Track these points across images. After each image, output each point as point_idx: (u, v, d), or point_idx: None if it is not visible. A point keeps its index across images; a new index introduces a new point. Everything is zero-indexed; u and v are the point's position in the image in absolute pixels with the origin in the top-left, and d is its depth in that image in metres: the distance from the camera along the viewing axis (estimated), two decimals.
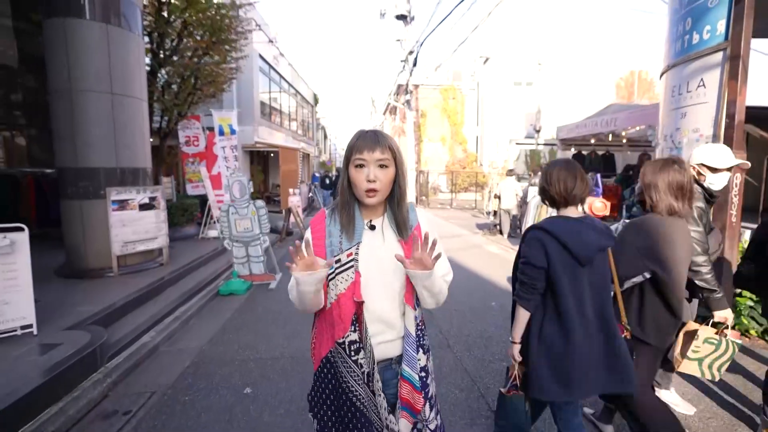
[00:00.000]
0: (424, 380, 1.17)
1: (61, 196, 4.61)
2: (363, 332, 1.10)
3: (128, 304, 3.88)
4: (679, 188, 1.75)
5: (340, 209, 1.17)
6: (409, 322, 1.17)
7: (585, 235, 1.45)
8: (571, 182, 1.51)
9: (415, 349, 1.17)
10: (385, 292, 1.15)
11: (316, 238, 1.18)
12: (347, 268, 1.13)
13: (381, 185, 1.11)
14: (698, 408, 2.43)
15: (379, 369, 1.16)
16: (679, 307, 1.79)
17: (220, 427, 2.27)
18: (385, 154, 1.11)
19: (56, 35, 4.26)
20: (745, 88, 3.58)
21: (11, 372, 2.44)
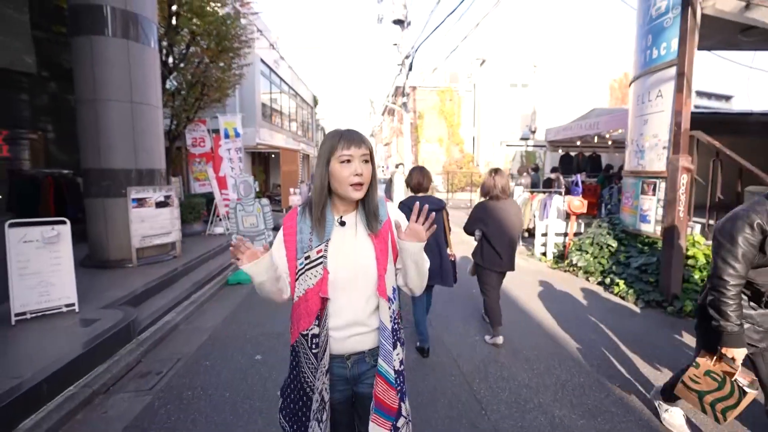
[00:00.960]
0: (399, 375, 1.20)
1: (85, 195, 5.11)
2: (322, 327, 1.16)
3: (149, 290, 4.38)
4: (488, 188, 3.28)
5: (314, 206, 1.20)
6: (384, 315, 1.19)
7: (422, 202, 2.25)
8: (420, 178, 3.15)
9: (392, 344, 1.19)
10: (355, 287, 1.18)
11: (287, 235, 1.22)
12: (316, 265, 1.16)
13: (365, 179, 1.16)
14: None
15: (352, 362, 1.22)
16: (501, 250, 3.23)
17: (238, 383, 2.77)
18: (367, 150, 1.18)
19: (83, 51, 4.76)
20: (690, 99, 4.09)
21: (63, 340, 2.94)
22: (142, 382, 2.82)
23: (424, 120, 26.52)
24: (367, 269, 1.18)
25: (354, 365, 1.22)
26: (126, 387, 2.75)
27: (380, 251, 1.20)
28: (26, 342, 2.88)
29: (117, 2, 4.81)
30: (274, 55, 16.39)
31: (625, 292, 4.65)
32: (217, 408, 2.48)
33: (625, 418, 2.36)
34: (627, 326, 3.82)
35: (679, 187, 4.14)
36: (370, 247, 1.20)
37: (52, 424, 2.24)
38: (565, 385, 2.74)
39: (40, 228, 3.28)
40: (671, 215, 4.22)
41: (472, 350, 3.28)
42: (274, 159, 17.74)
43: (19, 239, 3.17)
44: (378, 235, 1.21)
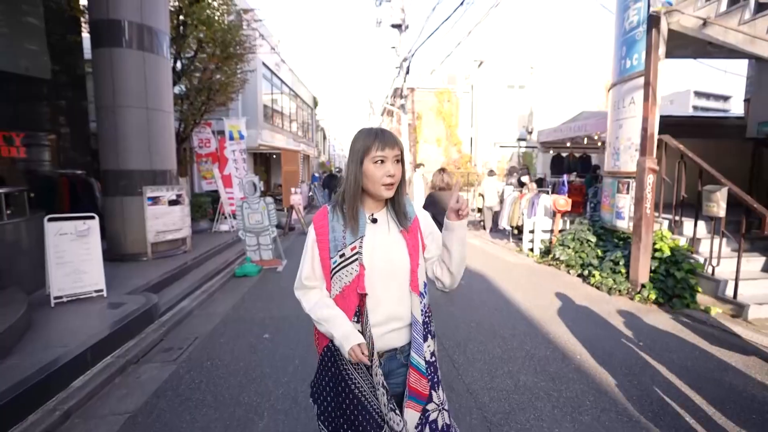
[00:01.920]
0: (431, 365, 1.23)
1: (104, 194, 5.55)
2: (364, 324, 1.16)
3: (164, 280, 4.81)
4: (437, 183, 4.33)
5: (348, 204, 1.21)
6: (416, 310, 1.21)
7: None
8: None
9: (423, 336, 1.21)
10: (390, 283, 1.20)
11: (320, 234, 1.23)
12: (351, 262, 1.17)
13: (397, 179, 1.19)
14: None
15: (384, 360, 1.21)
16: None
17: (249, 356, 3.20)
18: (398, 151, 1.20)
19: (103, 62, 5.19)
20: (656, 107, 4.51)
21: (97, 320, 3.37)
22: (167, 355, 3.25)
23: (422, 121, 26.90)
24: (401, 264, 1.21)
25: (386, 363, 1.22)
26: (153, 359, 3.18)
27: (412, 247, 1.23)
28: (66, 320, 3.32)
29: (134, 16, 5.24)
30: (275, 59, 16.82)
31: (600, 283, 5.08)
32: (232, 374, 2.91)
33: (579, 382, 2.79)
34: (596, 312, 4.25)
35: (646, 186, 4.56)
36: (403, 243, 1.22)
37: (96, 385, 2.67)
38: (532, 357, 3.17)
39: (73, 222, 3.72)
40: (639, 212, 4.65)
41: (455, 331, 3.71)
42: (275, 159, 18.14)
43: (55, 232, 3.61)
44: (409, 231, 1.24)
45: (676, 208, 4.87)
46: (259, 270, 5.95)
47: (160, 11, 5.61)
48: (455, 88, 26.80)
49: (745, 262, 4.44)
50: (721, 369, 2.98)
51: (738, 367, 2.99)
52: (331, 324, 1.17)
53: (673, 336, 3.60)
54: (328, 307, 1.20)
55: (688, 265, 4.46)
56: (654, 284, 4.54)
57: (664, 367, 3.00)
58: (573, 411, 2.44)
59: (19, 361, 2.58)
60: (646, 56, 4.53)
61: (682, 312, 4.23)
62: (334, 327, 1.16)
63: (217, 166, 8.87)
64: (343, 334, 1.14)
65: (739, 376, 2.86)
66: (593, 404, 2.51)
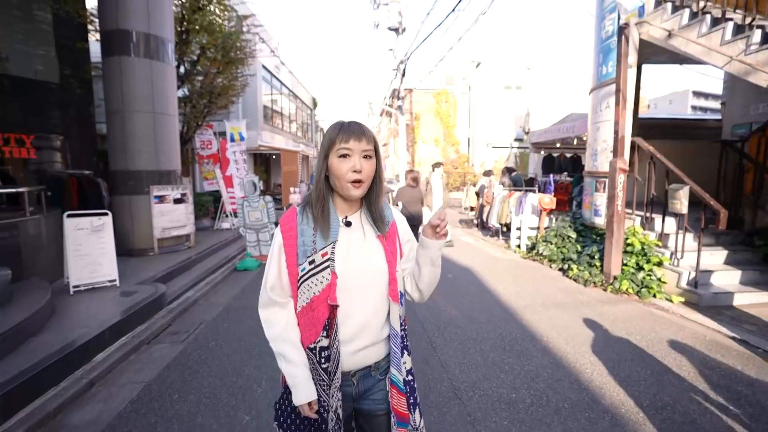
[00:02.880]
0: (407, 384, 1.15)
1: (113, 193, 5.91)
2: (332, 339, 1.07)
3: (170, 273, 5.18)
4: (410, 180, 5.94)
5: (314, 204, 1.11)
6: (394, 320, 1.13)
7: None
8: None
9: (401, 350, 1.14)
10: (365, 293, 1.10)
11: (286, 238, 1.11)
12: (322, 269, 1.07)
13: (366, 176, 1.08)
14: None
15: (358, 379, 1.14)
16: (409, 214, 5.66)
17: (249, 338, 3.56)
18: (370, 145, 1.08)
19: (113, 69, 5.56)
20: (626, 111, 4.87)
21: (112, 306, 3.74)
22: (175, 337, 3.61)
23: (420, 121, 27.24)
24: (379, 272, 1.11)
25: (359, 381, 1.15)
26: (163, 340, 3.55)
27: (390, 253, 1.14)
28: (85, 306, 3.68)
29: (141, 26, 5.61)
30: (275, 61, 17.17)
31: (577, 275, 5.44)
32: (235, 352, 3.27)
33: (541, 359, 3.15)
34: (570, 301, 4.61)
35: (617, 185, 4.92)
36: (381, 249, 1.13)
37: (115, 360, 3.03)
38: (503, 338, 3.53)
39: (89, 218, 4.09)
40: (611, 209, 5.01)
41: (437, 317, 4.07)
42: (275, 160, 18.52)
43: (74, 227, 3.97)
44: (387, 237, 1.15)
45: (647, 205, 5.22)
46: (259, 264, 6.31)
47: (166, 20, 5.97)
48: (453, 89, 27.15)
49: (709, 255, 4.82)
50: (672, 347, 3.33)
51: (685, 344, 3.35)
52: (287, 366, 1.10)
53: (635, 322, 3.96)
54: (292, 344, 1.12)
55: (656, 258, 4.82)
56: (625, 276, 4.90)
57: (619, 346, 3.36)
58: (531, 381, 2.80)
59: (50, 338, 2.94)
60: (617, 65, 4.89)
61: (649, 301, 4.58)
62: (292, 372, 1.10)
63: (219, 167, 9.23)
64: (297, 382, 1.09)
65: (685, 353, 3.22)
66: (549, 375, 2.87)
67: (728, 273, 4.66)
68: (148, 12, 5.61)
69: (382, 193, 1.17)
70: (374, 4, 17.84)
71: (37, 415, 2.30)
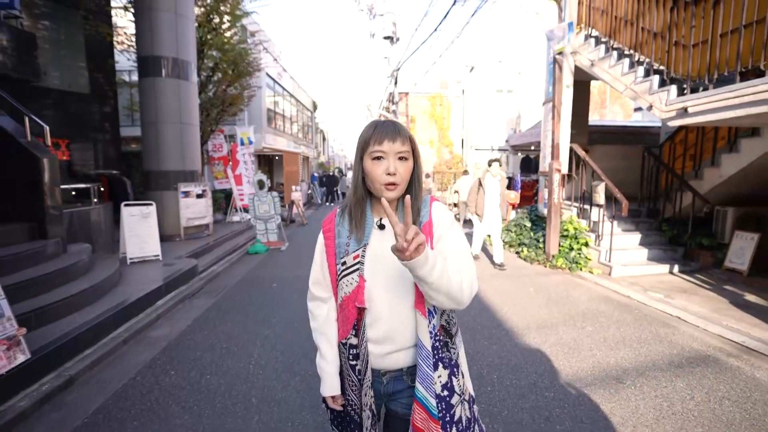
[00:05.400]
0: (444, 403, 1.03)
1: (146, 189, 7.15)
2: (360, 340, 1.08)
3: (196, 253, 6.41)
4: None
5: (353, 207, 1.11)
6: (422, 333, 1.04)
7: None
8: None
9: (432, 366, 1.02)
10: (393, 297, 1.06)
11: (327, 239, 1.16)
12: (352, 272, 1.08)
13: (401, 179, 1.03)
14: None
15: (388, 379, 1.12)
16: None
17: (263, 296, 4.79)
18: (405, 145, 1.04)
19: (148, 88, 6.80)
20: (560, 125, 6.10)
21: (160, 272, 4.98)
22: (209, 295, 4.86)
23: (416, 123, 28.42)
24: (405, 279, 1.04)
25: (390, 382, 1.13)
26: (200, 296, 4.79)
27: None
28: (142, 272, 4.92)
29: (171, 53, 6.84)
30: (277, 68, 18.41)
31: (526, 256, 6.68)
32: (252, 304, 4.51)
33: (482, 313, 4.38)
34: (515, 274, 5.85)
35: (554, 182, 6.15)
36: None
37: (170, 306, 4.28)
38: None
39: (139, 207, 5.33)
40: (550, 202, 6.24)
41: None
42: (278, 160, 19.76)
43: (129, 214, 5.22)
44: None
45: (581, 199, 6.47)
46: (267, 249, 7.56)
47: (190, 46, 7.21)
48: (447, 92, 28.36)
49: (627, 238, 6.07)
50: (574, 300, 4.57)
51: (585, 298, 4.59)
52: (320, 359, 1.19)
53: (558, 286, 5.19)
54: (327, 341, 1.19)
55: (584, 240, 6.06)
56: (561, 255, 6.13)
57: (538, 300, 4.60)
58: (475, 333, 3.99)
59: (126, 290, 4.19)
60: (553, 86, 6.13)
61: (576, 274, 5.82)
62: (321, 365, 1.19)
63: (230, 167, 10.48)
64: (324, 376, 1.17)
65: (580, 303, 4.46)
66: (487, 326, 4.11)
67: (639, 251, 5.90)
68: (176, 41, 6.84)
69: (421, 195, 1.11)
70: (370, 15, 19.17)
71: (131, 330, 3.55)
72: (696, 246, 5.81)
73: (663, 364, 3.02)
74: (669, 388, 2.66)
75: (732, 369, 2.91)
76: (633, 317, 4.04)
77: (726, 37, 3.85)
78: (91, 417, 2.38)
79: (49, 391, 2.58)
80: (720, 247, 5.62)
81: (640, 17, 5.08)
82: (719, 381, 2.74)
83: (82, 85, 10.02)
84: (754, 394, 2.57)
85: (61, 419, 2.36)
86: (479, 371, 2.88)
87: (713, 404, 2.46)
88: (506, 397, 2.55)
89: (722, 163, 5.33)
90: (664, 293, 4.77)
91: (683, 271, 5.63)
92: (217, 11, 9.20)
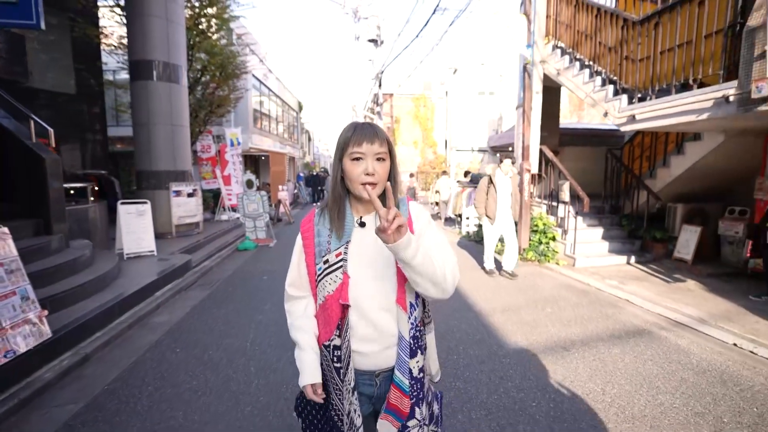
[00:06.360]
0: (417, 382, 1.12)
1: (138, 188, 7.39)
2: (344, 338, 1.09)
3: (189, 249, 6.71)
4: None
5: (330, 206, 1.14)
6: (402, 326, 1.10)
7: None
8: None
9: (409, 354, 1.10)
10: (377, 293, 1.09)
11: (306, 239, 1.16)
12: (335, 269, 1.09)
13: (379, 178, 1.07)
14: None
15: (381, 379, 1.14)
16: None
17: (256, 287, 5.15)
18: (383, 147, 1.09)
19: (140, 91, 7.05)
20: (530, 128, 6.62)
21: (156, 266, 5.28)
22: (203, 287, 5.19)
23: (400, 124, 28.90)
24: (387, 275, 1.09)
25: (383, 383, 1.14)
26: (195, 288, 5.12)
27: None
28: (139, 266, 5.22)
29: (162, 57, 7.10)
30: (263, 69, 18.62)
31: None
32: (245, 293, 4.87)
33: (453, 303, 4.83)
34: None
35: (524, 181, 6.67)
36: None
37: (168, 296, 4.60)
38: None
39: (135, 206, 5.62)
40: (521, 199, 6.77)
41: None
42: (264, 161, 19.95)
43: (125, 212, 5.51)
44: None
45: (550, 196, 7.01)
46: (256, 246, 7.89)
47: (181, 50, 7.48)
48: (431, 93, 28.94)
49: (591, 232, 6.63)
50: (539, 287, 5.08)
51: (548, 286, 5.10)
52: (297, 351, 1.17)
53: (526, 276, 5.70)
54: (303, 331, 1.18)
55: (552, 234, 6.60)
56: (531, 248, 6.66)
57: (506, 288, 5.09)
58: (447, 315, 4.40)
59: (125, 282, 4.50)
60: (523, 93, 6.65)
61: (545, 265, 6.35)
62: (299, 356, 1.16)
63: (219, 168, 10.73)
64: (303, 365, 1.14)
65: (545, 289, 4.96)
66: (458, 309, 4.56)
67: (601, 244, 6.48)
68: (167, 45, 7.11)
69: (398, 194, 1.13)
70: (355, 18, 19.54)
71: (135, 317, 3.89)
72: (650, 239, 6.41)
73: (605, 336, 3.52)
74: (605, 353, 3.16)
75: (660, 338, 3.44)
76: (588, 300, 4.56)
77: (665, 55, 4.41)
78: (110, 385, 2.73)
79: (69, 365, 2.92)
80: (671, 239, 6.23)
81: (598, 32, 5.64)
82: (647, 347, 3.26)
83: (70, 85, 10.13)
84: (672, 356, 3.09)
85: (83, 387, 2.71)
86: (448, 345, 3.33)
87: (638, 364, 2.96)
88: (470, 363, 3.00)
89: (672, 164, 5.94)
90: (618, 281, 5.33)
91: (639, 262, 6.22)
92: (205, 15, 9.45)
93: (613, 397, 2.53)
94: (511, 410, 2.40)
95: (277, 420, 2.32)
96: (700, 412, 2.36)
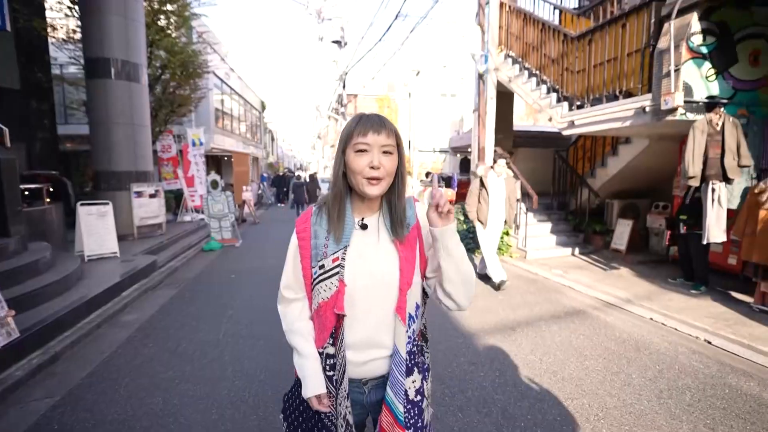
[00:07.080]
0: (417, 409, 1.04)
1: (96, 189, 7.20)
2: (338, 347, 1.02)
3: (153, 250, 6.64)
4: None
5: (330, 204, 1.04)
6: (399, 339, 1.01)
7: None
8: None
9: (404, 372, 1.01)
10: (375, 302, 1.01)
11: (302, 240, 1.07)
12: (331, 276, 1.00)
13: (385, 173, 0.97)
14: None
15: (370, 388, 1.08)
16: None
17: (224, 285, 5.25)
18: (390, 139, 0.98)
19: (97, 89, 6.88)
20: (485, 131, 7.12)
21: (120, 268, 5.25)
22: (170, 287, 5.22)
23: None
24: (388, 283, 1.00)
25: (371, 391, 1.08)
26: (161, 289, 5.15)
27: (405, 260, 1.01)
28: (102, 268, 5.16)
29: (120, 54, 6.96)
30: (225, 68, 18.27)
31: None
32: (214, 294, 4.96)
33: None
34: None
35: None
36: (394, 257, 1.02)
37: (134, 297, 4.62)
38: None
39: (96, 206, 5.53)
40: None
41: None
42: (227, 161, 19.55)
43: (86, 213, 5.41)
44: (405, 242, 1.03)
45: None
46: (222, 246, 7.89)
47: (140, 48, 7.35)
48: (395, 95, 29.47)
49: (540, 227, 7.23)
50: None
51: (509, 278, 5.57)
52: (297, 358, 1.09)
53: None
54: (302, 336, 1.09)
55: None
56: None
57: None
58: None
59: (91, 283, 4.48)
60: (478, 98, 7.14)
61: (501, 259, 6.85)
62: (300, 364, 1.08)
63: (181, 168, 10.52)
64: (306, 374, 1.06)
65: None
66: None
67: (550, 238, 7.09)
68: (126, 43, 6.97)
69: (405, 193, 1.06)
70: (319, 19, 19.60)
71: (103, 316, 3.92)
72: (592, 232, 7.10)
73: (547, 317, 3.99)
74: (546, 331, 3.61)
75: (593, 317, 3.95)
76: (536, 288, 5.07)
77: (597, 68, 4.98)
78: (85, 379, 2.82)
79: (39, 363, 2.96)
80: (608, 232, 6.94)
81: (543, 45, 6.20)
82: (581, 324, 3.75)
83: (13, 80, 9.57)
84: (600, 330, 3.60)
85: (55, 384, 2.78)
86: None
87: (572, 338, 3.43)
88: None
89: (608, 165, 6.62)
90: (563, 270, 5.91)
91: (582, 253, 6.88)
92: (164, 12, 9.26)
93: (548, 365, 2.95)
94: (462, 380, 2.75)
95: (254, 399, 2.53)
96: (615, 371, 2.83)
